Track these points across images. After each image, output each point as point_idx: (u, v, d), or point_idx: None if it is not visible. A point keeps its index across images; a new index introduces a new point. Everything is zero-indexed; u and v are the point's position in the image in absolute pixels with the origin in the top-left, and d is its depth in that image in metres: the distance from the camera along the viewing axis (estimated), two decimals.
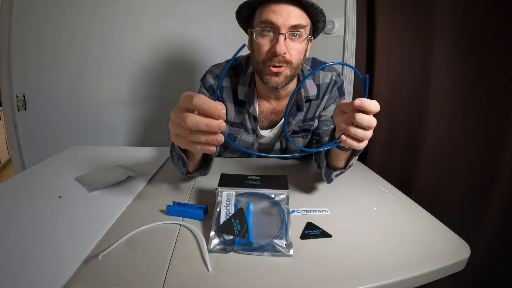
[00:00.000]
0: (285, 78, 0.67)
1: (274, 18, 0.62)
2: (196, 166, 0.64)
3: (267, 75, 0.67)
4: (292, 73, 0.68)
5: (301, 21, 0.63)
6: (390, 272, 0.41)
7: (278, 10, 0.62)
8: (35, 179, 0.72)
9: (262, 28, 0.64)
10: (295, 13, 0.62)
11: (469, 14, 0.79)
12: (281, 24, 0.62)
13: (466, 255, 0.45)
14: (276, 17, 0.61)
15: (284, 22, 0.61)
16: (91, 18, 1.41)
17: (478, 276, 0.77)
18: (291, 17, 0.61)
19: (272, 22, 0.62)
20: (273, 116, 0.81)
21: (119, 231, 0.49)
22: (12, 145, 1.50)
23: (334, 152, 0.60)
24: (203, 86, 0.79)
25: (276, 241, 0.45)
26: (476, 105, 0.80)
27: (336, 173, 0.63)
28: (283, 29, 0.62)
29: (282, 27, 0.62)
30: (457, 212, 0.82)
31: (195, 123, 0.36)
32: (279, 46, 0.62)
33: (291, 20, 0.61)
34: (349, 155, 0.59)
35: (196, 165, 0.63)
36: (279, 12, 0.61)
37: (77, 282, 0.38)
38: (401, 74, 1.05)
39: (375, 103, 0.43)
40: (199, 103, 0.36)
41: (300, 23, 0.62)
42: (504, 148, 0.72)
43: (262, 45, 0.65)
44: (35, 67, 1.44)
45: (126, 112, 1.53)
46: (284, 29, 0.62)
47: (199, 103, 0.36)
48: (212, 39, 1.48)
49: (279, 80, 0.67)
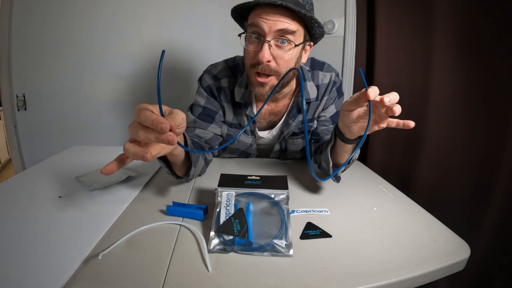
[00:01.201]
0: (270, 88, 0.67)
1: (261, 23, 0.61)
2: (185, 170, 0.62)
3: (253, 83, 0.68)
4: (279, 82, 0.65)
5: (289, 26, 0.60)
6: (390, 272, 0.41)
7: (265, 15, 0.60)
8: (35, 179, 0.72)
9: (249, 34, 0.64)
10: (284, 18, 0.60)
11: (469, 14, 0.79)
12: (266, 30, 0.60)
13: (466, 255, 0.45)
14: (262, 22, 0.60)
15: (270, 28, 0.60)
16: (91, 18, 1.41)
17: (478, 276, 0.77)
18: (278, 22, 0.60)
19: (258, 26, 0.61)
20: (271, 117, 0.81)
21: (119, 231, 0.49)
22: (12, 145, 1.50)
23: (339, 147, 0.61)
24: (201, 86, 0.79)
25: (276, 241, 0.45)
26: (476, 105, 0.80)
27: (341, 169, 0.63)
28: (269, 36, 0.61)
29: (268, 33, 0.61)
30: (457, 212, 0.82)
31: (144, 135, 0.37)
32: (262, 54, 0.61)
33: (277, 25, 0.60)
34: (353, 147, 0.60)
35: (183, 169, 0.61)
36: (266, 17, 0.60)
37: (77, 282, 0.38)
38: (401, 74, 1.05)
39: (395, 95, 0.48)
40: (143, 119, 0.36)
41: (287, 28, 0.60)
42: (504, 148, 0.72)
43: (248, 51, 0.65)
44: (35, 67, 1.44)
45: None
46: (269, 36, 0.61)
47: (143, 118, 0.36)
48: (212, 39, 1.48)
49: (263, 90, 0.67)
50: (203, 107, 0.77)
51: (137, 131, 0.37)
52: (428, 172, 0.93)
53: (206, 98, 0.78)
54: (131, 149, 0.37)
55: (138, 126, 0.37)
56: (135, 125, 0.38)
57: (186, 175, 0.62)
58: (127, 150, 0.38)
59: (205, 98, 0.78)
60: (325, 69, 0.80)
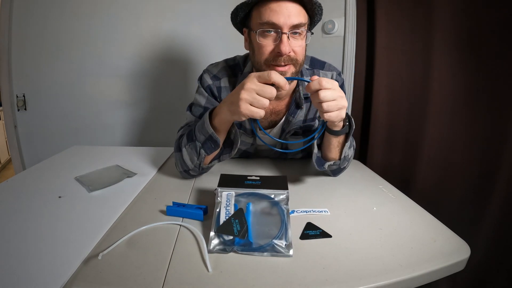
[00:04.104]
0: (291, 75, 0.67)
1: (275, 18, 0.61)
2: (216, 154, 0.69)
3: None
4: (297, 70, 0.68)
5: (302, 19, 0.63)
6: (390, 272, 0.41)
7: (278, 9, 0.61)
8: (35, 179, 0.72)
9: (264, 29, 0.64)
10: (295, 11, 0.62)
11: (470, 13, 0.79)
12: (282, 24, 0.61)
13: (466, 255, 0.45)
14: (277, 17, 0.61)
15: (285, 22, 0.61)
16: (91, 18, 1.41)
17: (478, 276, 0.77)
18: (291, 16, 0.61)
19: (273, 23, 0.62)
20: (272, 116, 0.81)
21: (119, 231, 0.49)
22: (12, 145, 1.50)
23: (326, 139, 0.65)
24: (201, 86, 0.79)
25: (276, 242, 0.45)
26: (476, 105, 0.80)
27: (330, 163, 0.67)
28: (285, 28, 0.62)
29: (284, 26, 0.62)
30: (457, 212, 0.82)
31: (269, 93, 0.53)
32: (283, 46, 0.62)
33: (292, 19, 0.61)
34: (342, 143, 0.64)
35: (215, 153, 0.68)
36: (279, 11, 0.61)
37: (77, 282, 0.38)
38: (401, 74, 1.05)
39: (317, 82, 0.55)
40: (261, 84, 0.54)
41: (301, 22, 0.63)
42: (504, 148, 0.72)
43: (265, 45, 0.65)
44: (35, 67, 1.44)
45: (126, 112, 1.53)
46: (286, 29, 0.62)
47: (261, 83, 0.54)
48: (212, 38, 1.48)
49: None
50: (203, 107, 0.77)
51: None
52: (428, 172, 0.93)
53: (206, 98, 0.78)
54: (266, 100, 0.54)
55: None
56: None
57: (225, 153, 0.70)
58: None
59: (206, 98, 0.78)
60: (326, 68, 0.80)
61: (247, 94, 0.53)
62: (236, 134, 0.66)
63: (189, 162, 0.67)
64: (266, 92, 0.53)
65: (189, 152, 0.67)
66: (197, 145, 0.65)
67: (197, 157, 0.66)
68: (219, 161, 0.71)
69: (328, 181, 0.74)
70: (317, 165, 0.70)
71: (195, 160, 0.67)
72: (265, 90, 0.53)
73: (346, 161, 0.72)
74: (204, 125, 0.63)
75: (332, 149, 0.67)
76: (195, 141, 0.65)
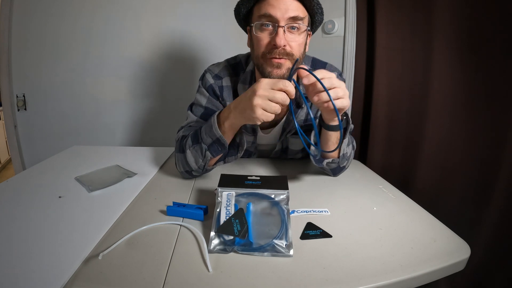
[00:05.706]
0: (287, 71, 0.67)
1: (273, 11, 0.63)
2: (221, 156, 0.70)
3: (269, 67, 0.67)
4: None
5: (299, 13, 0.64)
6: (390, 272, 0.41)
7: (276, 3, 0.63)
8: (35, 179, 0.72)
9: (261, 22, 0.65)
10: (293, 6, 0.63)
11: (470, 14, 0.79)
12: (279, 17, 0.63)
13: (466, 255, 0.45)
14: (274, 11, 0.63)
15: (282, 15, 0.63)
16: (91, 18, 1.41)
17: (478, 276, 0.77)
18: (289, 9, 0.63)
19: (270, 15, 0.63)
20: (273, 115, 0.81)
21: (119, 231, 0.49)
22: (12, 145, 1.50)
23: (324, 136, 0.66)
24: (202, 86, 0.79)
25: (276, 242, 0.45)
26: (476, 105, 0.80)
27: (328, 160, 0.68)
28: (282, 21, 0.63)
29: (281, 19, 0.63)
30: (457, 212, 0.82)
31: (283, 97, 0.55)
32: (278, 38, 0.63)
33: (289, 12, 0.63)
34: (341, 140, 0.65)
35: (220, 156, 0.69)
36: (277, 5, 0.63)
37: (77, 282, 0.38)
38: (401, 74, 1.05)
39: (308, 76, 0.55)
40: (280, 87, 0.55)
41: (298, 15, 0.63)
42: (504, 148, 0.72)
43: (262, 38, 0.66)
44: (35, 67, 1.44)
45: (126, 112, 1.53)
46: (282, 22, 0.63)
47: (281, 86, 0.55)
48: (212, 38, 1.48)
49: (281, 72, 0.67)
50: (204, 107, 0.77)
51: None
52: (428, 172, 0.93)
53: (207, 98, 0.78)
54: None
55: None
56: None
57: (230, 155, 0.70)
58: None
59: (207, 98, 0.78)
60: (327, 69, 0.80)
61: (261, 100, 0.55)
62: (242, 137, 0.67)
63: (193, 163, 0.68)
64: (278, 98, 0.55)
65: (193, 154, 0.67)
66: (203, 147, 0.65)
67: (202, 159, 0.66)
68: (224, 163, 0.71)
69: (328, 181, 0.74)
70: (316, 161, 0.70)
71: (199, 162, 0.67)
72: (277, 96, 0.55)
73: (345, 160, 0.72)
74: (212, 128, 0.63)
75: (331, 146, 0.67)
76: (200, 143, 0.65)
